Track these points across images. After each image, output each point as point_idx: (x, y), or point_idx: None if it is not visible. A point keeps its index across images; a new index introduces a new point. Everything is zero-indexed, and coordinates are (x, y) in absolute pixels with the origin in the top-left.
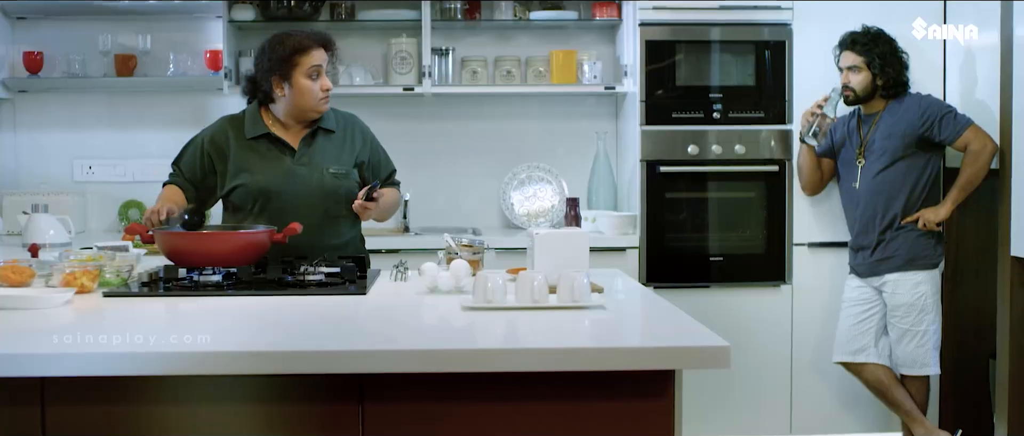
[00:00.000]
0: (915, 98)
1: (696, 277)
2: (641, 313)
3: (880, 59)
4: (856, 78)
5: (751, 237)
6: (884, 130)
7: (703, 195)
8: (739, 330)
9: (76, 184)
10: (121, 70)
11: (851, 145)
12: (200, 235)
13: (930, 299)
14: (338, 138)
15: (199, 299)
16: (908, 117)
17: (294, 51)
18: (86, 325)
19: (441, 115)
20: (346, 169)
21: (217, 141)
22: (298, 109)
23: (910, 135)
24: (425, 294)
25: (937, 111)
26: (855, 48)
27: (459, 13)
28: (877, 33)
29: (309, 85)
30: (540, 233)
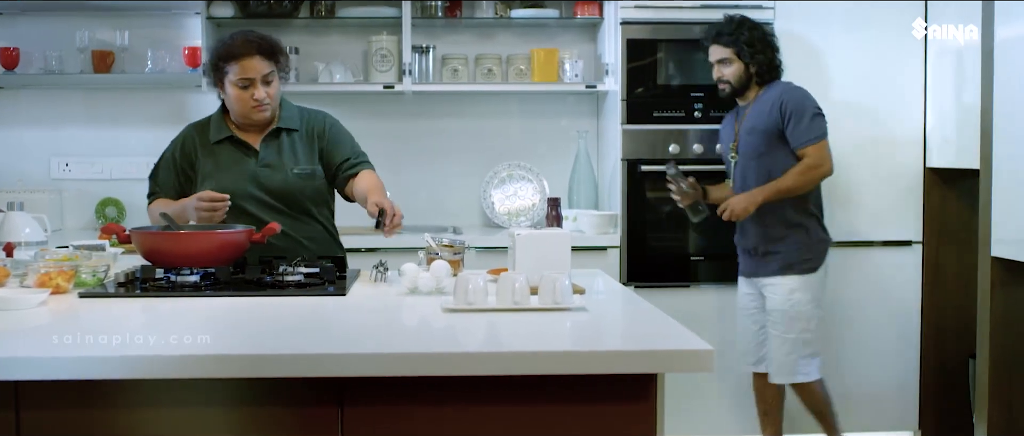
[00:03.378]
0: (780, 88)
1: (677, 277)
2: (623, 315)
3: (749, 46)
4: (728, 70)
5: (729, 236)
6: (749, 124)
7: None
8: (721, 330)
9: (53, 182)
10: (98, 66)
11: (727, 140)
12: (178, 235)
13: (805, 307)
14: (301, 137)
15: (176, 300)
16: (767, 109)
17: (222, 57)
18: (61, 327)
19: (422, 113)
20: (310, 168)
21: (186, 151)
22: (235, 115)
23: (771, 130)
24: (405, 295)
25: (794, 109)
26: (721, 40)
27: (440, 11)
28: (741, 20)
29: (238, 94)
30: (521, 234)
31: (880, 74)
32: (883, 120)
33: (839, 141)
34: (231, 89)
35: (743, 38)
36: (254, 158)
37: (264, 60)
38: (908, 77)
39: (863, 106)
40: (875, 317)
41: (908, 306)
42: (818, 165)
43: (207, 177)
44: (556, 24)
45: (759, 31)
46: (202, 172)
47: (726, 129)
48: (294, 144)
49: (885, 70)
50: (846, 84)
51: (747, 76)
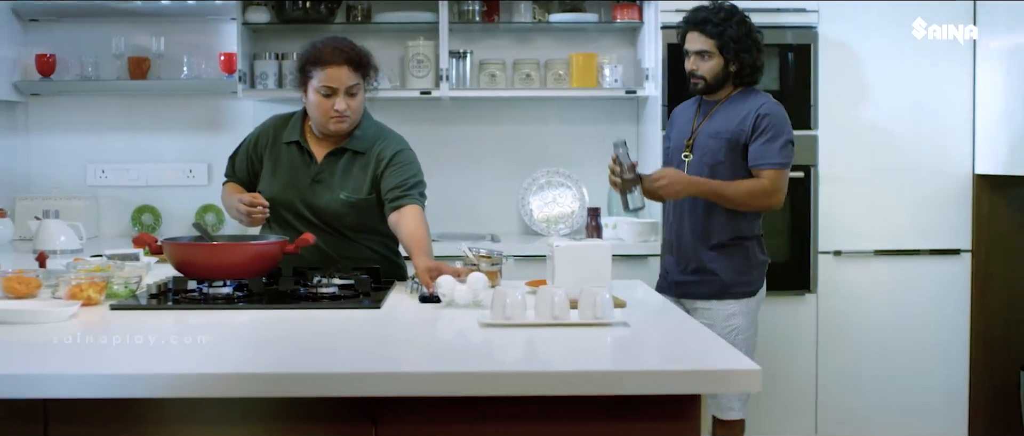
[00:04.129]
0: (762, 99)
1: None
2: (665, 330)
3: (735, 43)
4: (706, 65)
5: (775, 245)
6: (714, 126)
7: None
8: (762, 340)
9: (89, 188)
10: (134, 73)
11: (681, 135)
12: (210, 247)
13: (742, 335)
14: (364, 161)
15: (208, 313)
16: (741, 116)
17: (309, 61)
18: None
19: (459, 119)
20: (357, 197)
21: (260, 143)
22: (314, 122)
23: (738, 139)
24: (442, 308)
25: (771, 125)
26: (705, 29)
27: (477, 15)
28: (730, 10)
29: (319, 101)
30: (560, 246)
31: (926, 78)
32: (930, 125)
33: (884, 147)
34: (313, 95)
35: (730, 32)
36: (312, 170)
37: (351, 71)
38: (956, 81)
39: (909, 111)
40: (923, 327)
41: (957, 316)
42: (773, 192)
43: (264, 176)
44: (595, 28)
45: (746, 27)
46: (264, 170)
47: (681, 121)
48: (353, 168)
49: (932, 74)
50: (891, 89)
51: (725, 75)
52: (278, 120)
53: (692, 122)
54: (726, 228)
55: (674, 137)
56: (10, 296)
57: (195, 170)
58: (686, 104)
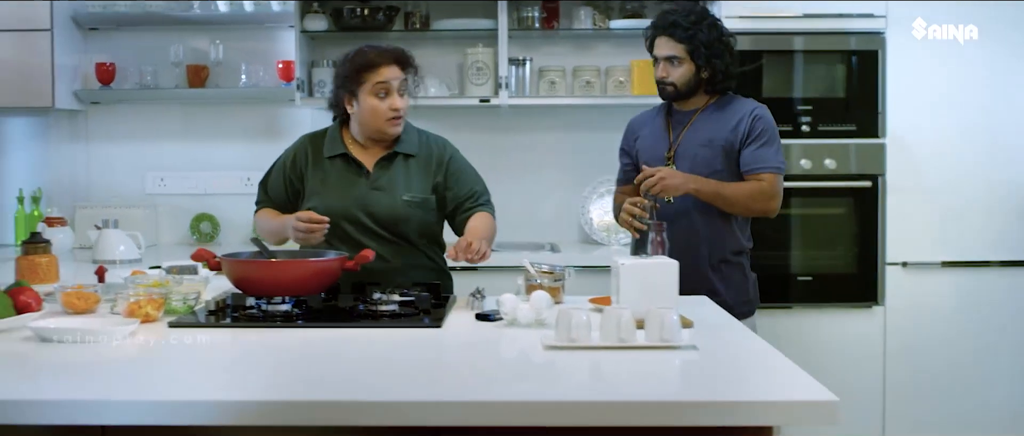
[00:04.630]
0: (752, 104)
1: (782, 297)
2: (735, 354)
3: (706, 48)
4: (676, 71)
5: (841, 256)
6: (703, 135)
7: (791, 212)
8: (827, 353)
9: (148, 197)
10: (193, 81)
11: (657, 148)
12: (269, 263)
13: None
14: (418, 163)
15: (267, 331)
16: (733, 122)
17: (361, 67)
18: (150, 364)
19: (518, 127)
20: (422, 196)
21: (297, 162)
22: (367, 129)
23: (734, 146)
24: (504, 327)
25: (766, 130)
26: (675, 33)
27: (537, 22)
28: (701, 13)
29: (375, 104)
30: (626, 263)
31: (996, 85)
32: (998, 134)
33: (953, 156)
34: (368, 100)
35: (701, 36)
36: (365, 179)
37: (400, 69)
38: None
39: (977, 120)
40: (992, 340)
41: None
42: (774, 196)
43: (313, 193)
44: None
45: (718, 31)
46: (310, 187)
47: (649, 133)
48: (409, 170)
49: (1002, 80)
50: (960, 96)
51: (696, 81)
52: (310, 138)
53: (665, 133)
54: (735, 238)
55: (645, 149)
56: (69, 311)
57: (253, 178)
58: (646, 115)
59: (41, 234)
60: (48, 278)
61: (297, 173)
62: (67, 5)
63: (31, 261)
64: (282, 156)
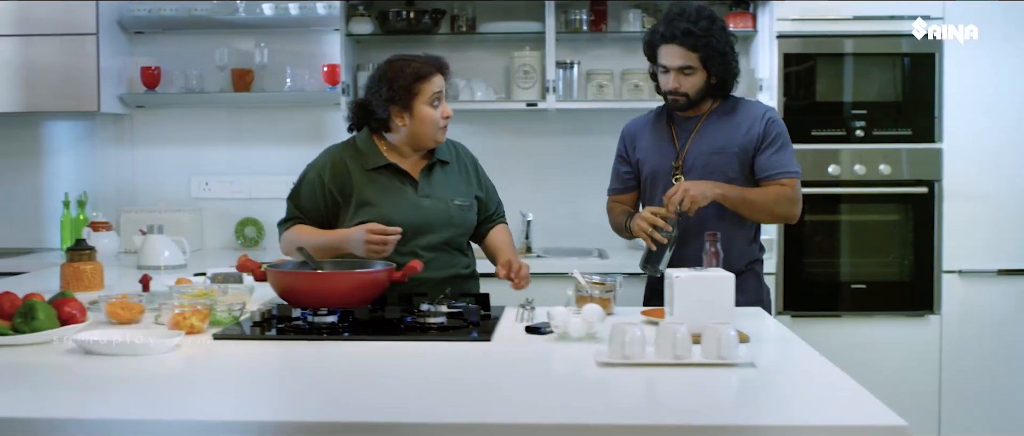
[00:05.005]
0: (762, 106)
1: (835, 305)
2: (794, 372)
3: (721, 55)
4: (689, 82)
5: (896, 263)
6: (714, 141)
7: (844, 218)
8: (879, 363)
9: (193, 201)
10: (238, 85)
11: (662, 156)
12: (315, 275)
13: None
14: (454, 170)
15: (313, 344)
16: (746, 127)
17: (415, 79)
18: (194, 380)
19: (566, 131)
20: (469, 201)
21: (337, 174)
22: (417, 139)
23: (748, 152)
24: (554, 341)
25: (781, 133)
26: (687, 41)
27: (585, 24)
28: (710, 16)
29: (430, 113)
30: (680, 276)
31: None
32: None
33: (1011, 161)
34: (423, 110)
35: (715, 43)
36: (412, 188)
37: (442, 77)
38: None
39: None
40: None
41: None
42: (796, 200)
43: (367, 204)
44: None
45: (727, 33)
46: (359, 199)
47: (650, 141)
48: (450, 176)
49: None
50: (1019, 100)
51: (707, 88)
52: (343, 149)
53: (670, 141)
54: (743, 252)
55: (649, 158)
56: (114, 321)
57: None
58: (643, 120)
59: (86, 240)
60: (93, 285)
61: (338, 185)
62: (113, 9)
63: (76, 268)
64: (311, 170)
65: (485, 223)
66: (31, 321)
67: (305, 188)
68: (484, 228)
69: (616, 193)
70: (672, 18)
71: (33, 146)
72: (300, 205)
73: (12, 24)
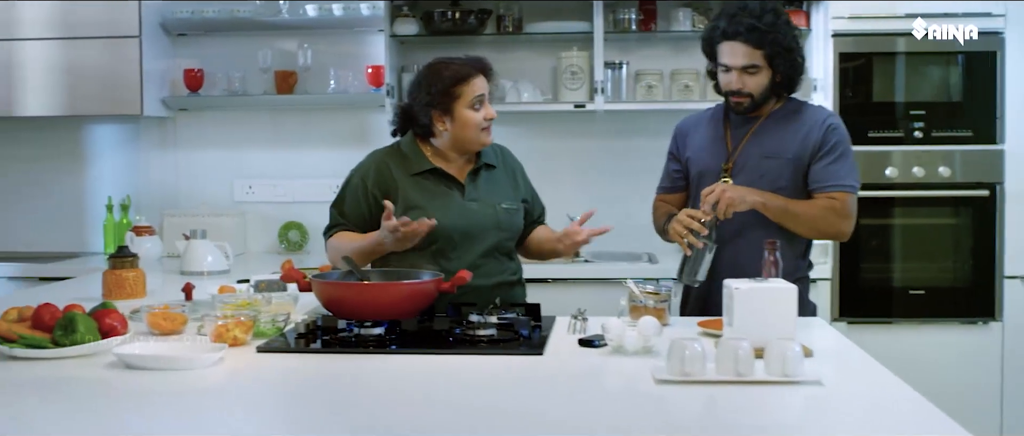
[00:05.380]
0: (824, 111)
1: (892, 312)
2: (864, 390)
3: (787, 52)
4: (754, 81)
5: (955, 268)
6: (768, 145)
7: (902, 221)
8: (941, 371)
9: (236, 204)
10: (281, 87)
11: (712, 156)
12: (361, 286)
13: None
14: (500, 173)
15: (359, 358)
16: (803, 132)
17: (455, 81)
18: (238, 396)
19: (614, 133)
20: (516, 205)
21: (381, 179)
22: (460, 142)
23: (804, 160)
24: (608, 354)
25: (840, 142)
26: (751, 38)
27: (633, 24)
28: (775, 10)
29: (472, 116)
30: (741, 288)
31: None
32: None
33: None
34: (465, 113)
35: (781, 40)
36: (459, 192)
37: (484, 79)
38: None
39: None
40: None
41: None
42: (847, 216)
43: (413, 208)
44: None
45: (792, 28)
46: (405, 203)
47: (702, 140)
48: (495, 180)
49: None
50: None
51: (771, 88)
52: (387, 154)
53: (723, 141)
54: (788, 267)
55: (698, 158)
56: (155, 332)
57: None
58: (698, 117)
59: (128, 247)
60: (135, 293)
61: (382, 190)
62: (155, 11)
63: (118, 276)
64: (355, 176)
65: (529, 226)
66: (71, 334)
67: (348, 194)
68: (526, 231)
69: (664, 192)
70: (734, 13)
71: (76, 149)
72: (343, 212)
73: (55, 27)
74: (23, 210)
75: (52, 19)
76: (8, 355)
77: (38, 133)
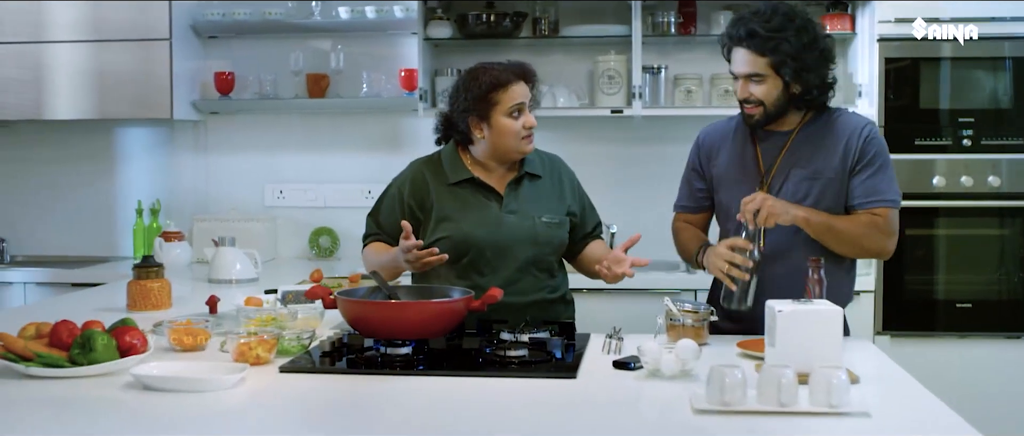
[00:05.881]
0: (861, 120)
1: (938, 325)
2: (915, 422)
3: (794, 60)
4: (760, 90)
5: (1005, 281)
6: (807, 163)
7: (949, 232)
8: (989, 387)
9: (266, 209)
10: (313, 90)
11: (745, 177)
12: (388, 305)
13: None
14: (546, 184)
15: (385, 379)
16: (840, 145)
17: (492, 87)
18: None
19: (652, 138)
20: (559, 218)
21: (417, 189)
22: (499, 151)
23: (843, 176)
24: (644, 378)
25: (879, 153)
26: (753, 44)
27: (672, 27)
28: (786, 14)
29: (510, 124)
30: (784, 310)
31: None
32: None
33: None
34: (502, 121)
35: (787, 46)
36: (497, 203)
37: (525, 85)
38: None
39: None
40: None
41: None
42: (892, 233)
43: (446, 219)
44: None
45: (809, 34)
46: (438, 214)
47: (738, 156)
48: (539, 190)
49: None
50: None
51: (786, 98)
52: (425, 163)
53: (754, 158)
54: (834, 291)
55: (728, 178)
56: (177, 348)
57: (374, 191)
58: (722, 129)
59: (153, 257)
60: (160, 304)
61: (417, 199)
62: (186, 13)
63: (142, 286)
64: (392, 185)
65: (582, 240)
66: (89, 352)
67: (385, 204)
68: (579, 246)
69: (686, 211)
70: (740, 18)
71: (106, 153)
72: (379, 222)
73: (85, 30)
74: (53, 214)
75: (81, 21)
76: (24, 373)
77: (68, 136)
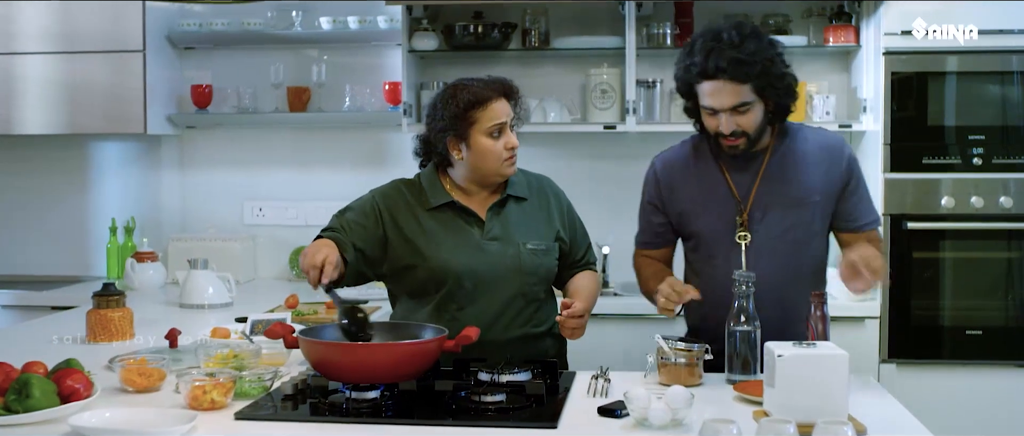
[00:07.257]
0: (831, 136)
1: (946, 353)
2: None
3: (778, 78)
4: (747, 120)
5: (1016, 307)
6: (789, 189)
7: (958, 255)
8: (1003, 417)
9: (246, 228)
10: (294, 104)
11: (720, 210)
12: (353, 348)
13: None
14: (532, 207)
15: (347, 428)
16: (824, 165)
17: (470, 105)
18: None
19: (647, 156)
20: (546, 244)
21: (391, 204)
22: (479, 173)
23: (831, 199)
24: (631, 428)
25: (859, 174)
26: (736, 74)
27: (669, 39)
28: (756, 34)
29: (491, 145)
30: (784, 354)
31: None
32: None
33: None
34: (481, 141)
35: (771, 66)
36: (478, 228)
37: (507, 103)
38: None
39: None
40: None
41: None
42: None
43: (418, 248)
44: (803, 53)
45: (775, 49)
46: (410, 239)
47: (706, 186)
48: (525, 214)
49: None
50: None
51: (767, 119)
52: (405, 184)
53: (725, 187)
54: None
55: (698, 211)
56: (129, 389)
57: None
58: (679, 157)
59: (114, 285)
60: (121, 334)
61: (391, 214)
62: (161, 23)
63: (102, 316)
64: (371, 193)
65: (570, 269)
66: (25, 399)
67: (356, 208)
68: (567, 274)
69: (647, 247)
70: (711, 47)
71: (79, 169)
72: (343, 223)
73: (55, 41)
74: (23, 233)
75: (51, 32)
76: None
77: (39, 152)
